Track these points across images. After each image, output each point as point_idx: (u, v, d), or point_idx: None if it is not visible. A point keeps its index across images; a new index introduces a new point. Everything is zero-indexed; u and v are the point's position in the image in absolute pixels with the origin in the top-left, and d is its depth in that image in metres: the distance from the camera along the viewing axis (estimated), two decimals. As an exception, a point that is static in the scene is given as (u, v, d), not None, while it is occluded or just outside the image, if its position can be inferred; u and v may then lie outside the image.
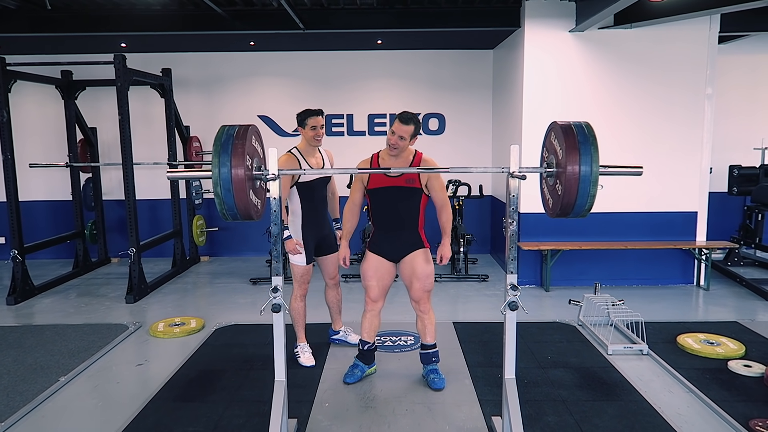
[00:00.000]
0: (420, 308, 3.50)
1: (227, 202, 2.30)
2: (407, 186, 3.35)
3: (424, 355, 3.58)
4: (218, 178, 2.25)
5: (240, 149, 2.28)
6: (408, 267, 3.45)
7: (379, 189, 3.39)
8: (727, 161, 6.92)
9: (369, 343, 3.60)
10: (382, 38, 6.59)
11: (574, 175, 2.22)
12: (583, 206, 2.32)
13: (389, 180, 3.35)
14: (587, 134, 2.27)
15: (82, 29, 5.90)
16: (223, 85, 7.37)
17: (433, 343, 3.55)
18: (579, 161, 2.22)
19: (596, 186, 2.24)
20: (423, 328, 3.53)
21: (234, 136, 2.31)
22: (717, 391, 3.41)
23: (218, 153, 2.28)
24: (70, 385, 3.65)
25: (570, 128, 2.30)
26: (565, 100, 5.68)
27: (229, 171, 2.26)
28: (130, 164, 5.58)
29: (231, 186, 2.27)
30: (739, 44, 7.03)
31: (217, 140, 2.31)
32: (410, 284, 3.47)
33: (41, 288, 5.92)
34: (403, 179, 3.34)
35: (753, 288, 5.66)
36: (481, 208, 7.45)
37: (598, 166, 2.23)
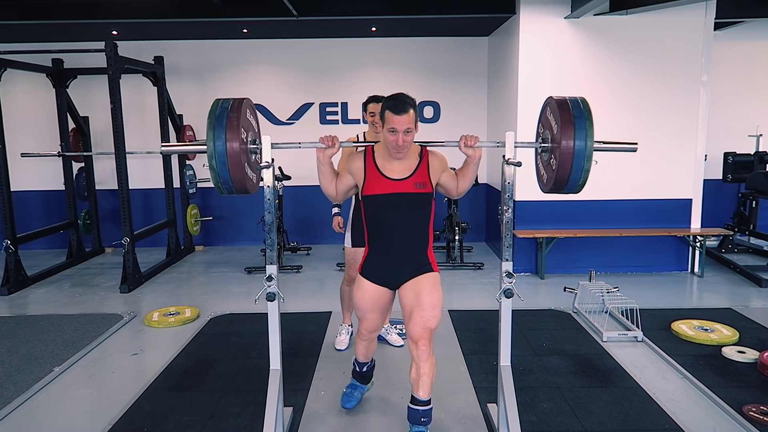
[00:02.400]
0: (418, 351, 2.57)
1: (222, 176, 2.28)
2: (417, 192, 2.59)
3: (414, 412, 2.63)
4: (213, 152, 2.23)
5: (235, 122, 2.25)
6: (410, 293, 2.63)
7: (378, 197, 2.60)
8: (721, 148, 6.92)
9: (367, 363, 3.09)
10: (376, 25, 6.54)
11: (569, 150, 2.22)
12: (578, 181, 2.31)
13: (392, 184, 2.59)
14: (583, 109, 2.26)
15: (72, 16, 5.82)
16: (216, 73, 7.31)
17: (428, 398, 2.63)
18: (574, 136, 2.22)
19: (590, 161, 2.23)
20: (417, 378, 2.59)
21: (228, 109, 2.28)
22: (711, 377, 3.43)
23: (213, 126, 2.25)
24: (65, 375, 3.64)
25: (566, 103, 2.28)
26: (560, 88, 5.65)
27: (224, 144, 2.23)
28: (123, 153, 5.53)
29: (226, 159, 2.23)
30: (735, 31, 7.01)
31: (212, 113, 2.28)
32: (409, 316, 2.61)
33: (35, 278, 5.89)
34: (412, 183, 2.59)
35: (747, 275, 5.69)
36: (477, 196, 7.44)
37: (593, 141, 2.23)
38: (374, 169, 2.63)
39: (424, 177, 2.62)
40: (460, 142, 2.58)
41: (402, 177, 2.61)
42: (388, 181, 2.61)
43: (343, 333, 4.06)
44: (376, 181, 2.62)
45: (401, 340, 4.02)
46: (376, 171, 2.63)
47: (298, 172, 6.86)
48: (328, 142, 2.56)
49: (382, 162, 2.64)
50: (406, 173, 2.62)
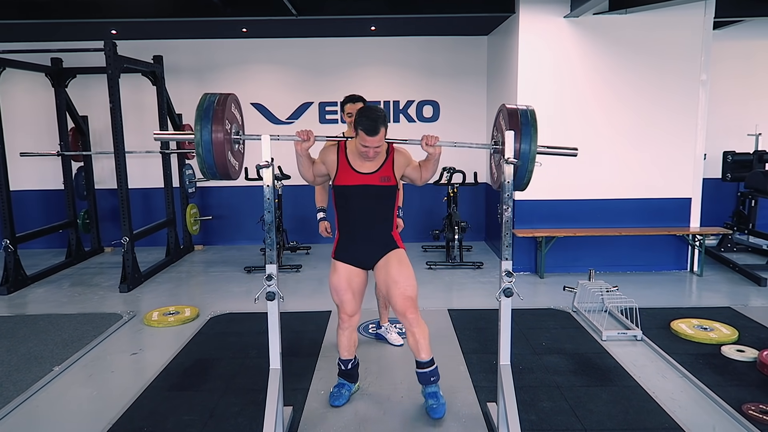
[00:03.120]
0: (408, 320, 2.92)
1: (207, 161, 2.52)
2: (381, 185, 2.91)
3: (422, 374, 3.03)
4: (200, 140, 2.47)
5: (220, 114, 2.48)
6: (382, 272, 2.98)
7: (348, 187, 2.92)
8: (721, 147, 6.93)
9: (351, 359, 3.20)
10: (375, 24, 6.54)
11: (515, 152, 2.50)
12: (522, 179, 2.59)
13: (360, 177, 2.90)
14: (529, 118, 2.54)
15: (72, 16, 5.82)
16: (215, 73, 7.31)
17: (430, 358, 3.00)
18: (520, 140, 2.50)
19: (533, 163, 2.52)
20: (415, 343, 2.96)
21: (215, 103, 2.51)
22: (710, 376, 3.44)
23: (200, 117, 2.48)
24: (65, 375, 3.64)
25: (515, 111, 2.56)
26: (560, 86, 5.66)
27: (210, 133, 2.47)
28: (122, 153, 5.53)
29: (211, 147, 2.48)
30: (734, 30, 7.02)
31: (200, 106, 2.50)
32: (389, 293, 2.96)
33: (34, 278, 5.89)
34: (377, 177, 2.90)
35: (746, 274, 5.69)
36: (476, 196, 7.44)
37: (536, 146, 2.50)
38: (345, 162, 2.95)
39: (388, 172, 2.94)
40: (422, 141, 2.79)
41: (369, 171, 2.93)
42: (357, 174, 2.93)
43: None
44: (346, 174, 2.93)
45: (401, 339, 4.03)
46: (347, 164, 2.95)
47: (297, 171, 6.85)
48: (303, 136, 2.79)
49: (353, 157, 2.95)
50: (373, 168, 2.93)
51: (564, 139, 5.71)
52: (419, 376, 3.05)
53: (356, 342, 3.21)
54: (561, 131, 5.71)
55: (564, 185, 5.80)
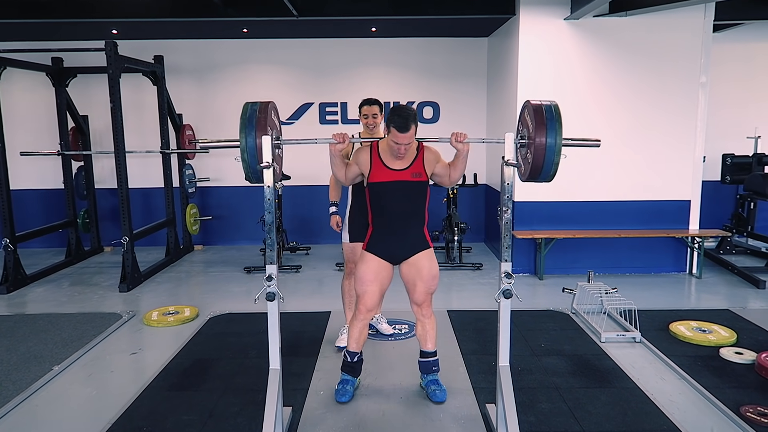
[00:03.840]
0: (422, 312, 3.19)
1: (252, 166, 2.64)
2: (414, 180, 3.05)
3: (424, 363, 3.25)
4: (245, 146, 2.59)
5: (263, 122, 2.62)
6: (412, 269, 3.14)
7: (381, 184, 3.06)
8: (720, 150, 6.94)
9: (358, 353, 3.26)
10: (376, 25, 6.54)
11: (542, 145, 2.62)
12: (549, 172, 2.69)
13: (393, 174, 3.04)
14: (554, 113, 2.65)
15: (72, 15, 5.83)
16: (216, 73, 7.31)
17: (434, 350, 3.24)
18: (546, 134, 2.60)
19: (560, 155, 2.63)
20: (424, 333, 3.21)
21: (257, 111, 2.64)
22: (709, 378, 3.44)
23: (245, 125, 2.61)
24: (64, 374, 3.64)
25: (540, 107, 2.67)
26: (560, 88, 5.67)
27: (255, 140, 2.59)
28: (122, 152, 5.53)
29: (255, 153, 2.60)
30: (734, 33, 7.03)
31: (243, 114, 2.63)
32: (413, 287, 3.15)
33: (34, 277, 5.89)
34: (409, 173, 3.05)
35: (745, 276, 5.70)
36: (476, 197, 7.45)
37: (561, 139, 2.62)
38: (378, 160, 3.09)
39: (419, 168, 3.08)
40: (451, 138, 2.93)
41: (401, 168, 3.07)
42: (390, 171, 3.06)
43: (344, 333, 4.08)
44: (380, 171, 3.07)
45: (391, 329, 4.26)
46: (380, 162, 3.09)
47: (297, 171, 6.87)
48: (339, 138, 2.93)
49: (385, 155, 3.09)
50: (405, 164, 3.08)
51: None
52: (422, 364, 3.26)
53: (366, 338, 3.28)
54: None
55: (563, 187, 5.79)
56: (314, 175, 7.06)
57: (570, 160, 6.04)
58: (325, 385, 3.41)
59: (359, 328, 3.21)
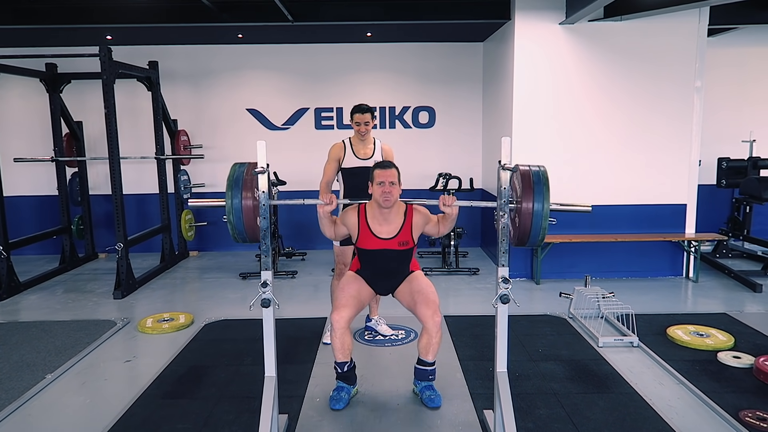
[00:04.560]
0: (434, 323, 3.08)
1: (238, 228, 2.66)
2: (401, 249, 3.15)
3: (421, 371, 3.23)
4: (231, 208, 2.59)
5: (249, 183, 2.61)
6: (406, 293, 3.22)
7: (369, 251, 3.17)
8: (715, 154, 6.95)
9: (347, 362, 3.21)
10: (371, 30, 6.54)
11: (529, 211, 2.58)
12: (537, 237, 2.62)
13: (380, 242, 3.12)
14: (541, 177, 2.60)
15: (66, 21, 5.81)
16: (211, 78, 7.29)
17: (434, 361, 3.22)
18: (533, 199, 2.56)
19: (547, 220, 2.57)
20: (428, 345, 3.14)
21: (245, 172, 2.63)
22: (707, 383, 3.43)
23: (231, 187, 2.60)
24: (57, 383, 3.60)
25: (528, 172, 2.63)
26: (556, 93, 5.68)
27: (240, 201, 2.59)
28: (116, 158, 5.51)
29: (242, 215, 2.61)
30: (728, 37, 7.07)
31: (230, 177, 2.62)
32: (416, 301, 3.16)
33: (27, 284, 5.84)
34: (396, 242, 3.12)
35: (741, 280, 5.70)
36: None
37: (549, 204, 2.57)
38: (366, 228, 3.15)
39: (407, 236, 3.15)
40: (439, 202, 2.92)
41: (389, 237, 3.14)
42: (378, 239, 3.14)
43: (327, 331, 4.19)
44: (368, 239, 3.15)
45: (390, 330, 4.31)
46: (367, 229, 3.15)
47: (293, 177, 6.85)
48: (326, 200, 2.93)
49: (372, 221, 3.15)
50: (392, 233, 3.14)
51: (559, 145, 5.74)
52: (419, 372, 3.25)
53: (350, 344, 3.19)
54: (556, 138, 5.73)
55: (559, 191, 5.75)
56: (310, 181, 7.00)
57: (566, 165, 6.06)
58: (321, 392, 3.39)
59: (339, 337, 3.12)
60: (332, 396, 3.23)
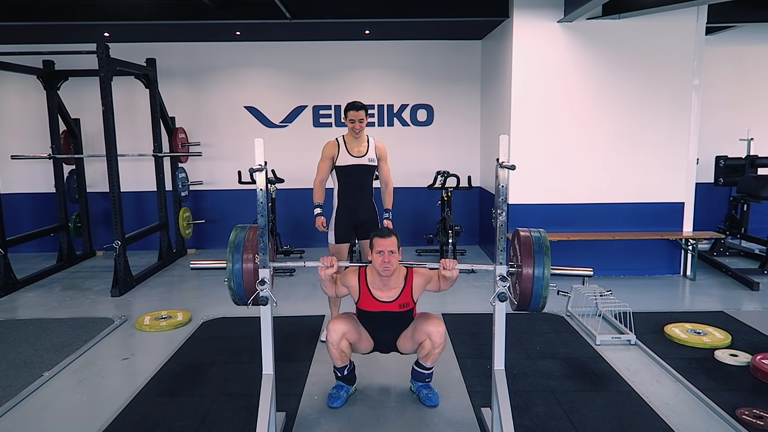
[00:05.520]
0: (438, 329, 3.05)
1: (239, 294, 2.65)
2: (401, 311, 3.13)
3: (419, 373, 3.23)
4: (231, 272, 2.61)
5: (249, 249, 2.64)
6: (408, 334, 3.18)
7: (370, 312, 3.15)
8: (713, 152, 6.95)
9: (346, 365, 3.20)
10: (370, 28, 6.53)
11: (529, 277, 2.56)
12: (537, 304, 2.62)
13: (381, 305, 3.10)
14: (542, 244, 2.59)
15: (63, 18, 5.79)
16: (209, 76, 7.28)
17: (432, 366, 3.20)
18: (534, 266, 2.55)
19: (548, 288, 2.56)
20: (430, 352, 3.09)
21: (245, 239, 2.66)
22: (704, 381, 3.44)
23: (232, 251, 2.62)
24: (55, 380, 3.59)
25: (529, 238, 2.64)
26: (554, 91, 5.68)
27: (241, 266, 2.61)
28: (114, 156, 5.50)
29: (242, 280, 2.62)
30: (727, 35, 7.07)
31: (231, 241, 2.65)
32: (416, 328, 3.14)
33: (24, 282, 5.83)
34: (397, 305, 3.11)
35: (738, 278, 5.71)
36: (470, 199, 7.44)
37: (549, 270, 2.56)
38: (367, 291, 3.13)
39: (407, 299, 3.12)
40: (440, 267, 2.88)
41: (389, 300, 3.11)
42: (378, 302, 3.11)
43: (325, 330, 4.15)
44: (368, 301, 3.13)
45: None
46: (368, 293, 3.13)
47: (291, 175, 6.85)
48: (327, 263, 2.90)
49: (373, 284, 3.12)
50: (392, 297, 3.11)
51: (557, 143, 5.74)
52: (416, 374, 3.24)
53: (348, 349, 3.14)
54: (554, 135, 5.73)
55: (558, 189, 5.81)
56: (308, 179, 6.99)
57: (564, 163, 6.06)
58: (319, 389, 3.39)
59: (335, 349, 3.09)
60: (330, 394, 3.24)
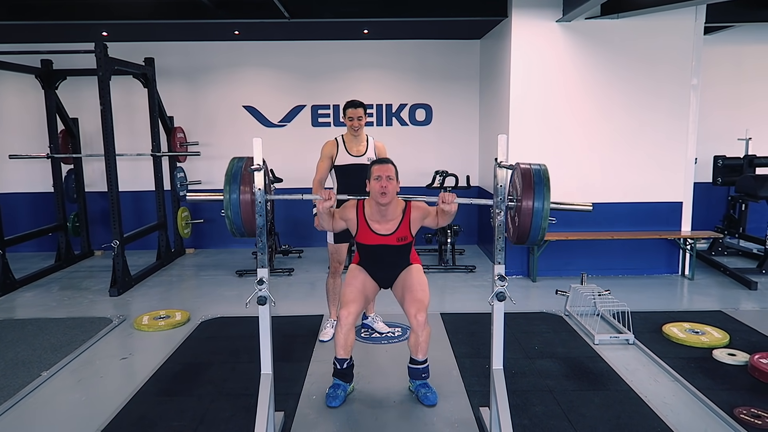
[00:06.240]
0: (417, 321, 3.10)
1: (236, 223, 2.62)
2: (399, 244, 3.17)
3: (414, 370, 3.25)
4: (228, 203, 2.57)
5: (247, 178, 2.60)
6: (400, 285, 3.26)
7: (368, 246, 3.20)
8: (711, 152, 6.97)
9: (347, 359, 3.22)
10: (368, 27, 6.53)
11: (529, 210, 2.56)
12: (536, 236, 2.62)
13: (379, 238, 3.15)
14: (542, 176, 2.58)
15: (62, 17, 5.78)
16: (207, 75, 7.27)
17: (425, 359, 3.22)
18: (533, 198, 2.55)
19: (547, 220, 2.56)
20: (416, 344, 3.16)
21: (242, 168, 2.62)
22: (702, 380, 3.44)
23: (229, 181, 2.58)
24: (53, 380, 3.59)
25: (528, 171, 2.62)
26: (552, 91, 5.68)
27: (238, 197, 2.58)
28: (112, 155, 5.49)
29: (239, 210, 2.59)
30: (725, 35, 7.07)
31: (228, 171, 2.61)
32: (404, 296, 3.21)
33: (23, 281, 5.82)
34: (395, 238, 3.15)
35: (736, 277, 5.72)
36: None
37: (549, 203, 2.56)
38: (365, 224, 3.17)
39: (405, 232, 3.17)
40: (438, 200, 2.91)
41: (387, 233, 3.15)
42: (376, 236, 3.16)
43: (327, 327, 4.24)
44: (366, 234, 3.17)
45: (387, 327, 4.33)
46: (366, 226, 3.17)
47: (290, 174, 6.84)
48: (325, 196, 2.91)
49: (371, 217, 3.16)
50: (390, 230, 3.15)
51: (555, 143, 5.74)
52: (412, 371, 3.26)
53: (353, 342, 3.21)
54: (553, 135, 5.73)
55: (556, 189, 5.78)
56: (307, 178, 6.98)
57: (562, 162, 6.06)
58: (318, 389, 3.39)
59: (344, 333, 3.14)
60: (328, 393, 3.23)
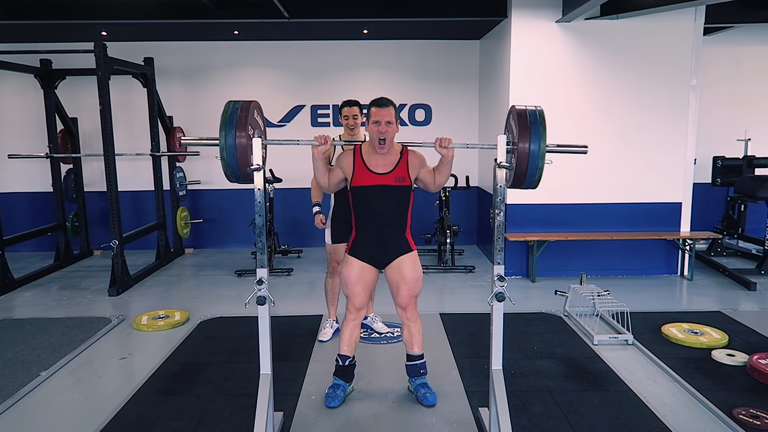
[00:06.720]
0: (407, 315, 3.17)
1: (231, 165, 2.58)
2: (397, 185, 3.05)
3: (411, 367, 3.24)
4: (224, 145, 2.54)
5: (243, 120, 2.56)
6: (395, 272, 3.14)
7: (364, 188, 3.05)
8: (710, 152, 6.98)
9: (350, 357, 3.21)
10: (368, 28, 6.53)
11: (525, 151, 2.57)
12: (533, 177, 2.62)
13: (376, 177, 3.04)
14: (538, 117, 2.59)
15: (61, 17, 5.78)
16: (207, 75, 7.27)
17: (421, 353, 3.23)
18: (529, 139, 2.56)
19: (543, 160, 2.57)
20: (410, 337, 3.20)
21: (239, 110, 2.59)
22: (701, 380, 3.44)
23: (225, 123, 2.55)
24: (52, 380, 3.59)
25: (524, 112, 2.62)
26: (551, 91, 5.68)
27: (234, 138, 2.54)
28: (112, 155, 5.48)
29: (235, 151, 2.55)
30: (724, 36, 7.08)
31: (224, 113, 2.58)
32: (397, 290, 3.15)
33: (21, 281, 5.82)
34: (393, 177, 3.04)
35: (736, 278, 5.72)
36: (468, 199, 7.45)
37: (545, 144, 2.56)
38: (362, 163, 3.07)
39: (403, 172, 3.07)
40: (435, 143, 2.95)
41: (384, 171, 3.05)
42: (373, 174, 3.05)
43: (326, 327, 4.25)
44: (363, 175, 3.06)
45: (386, 328, 4.33)
46: (363, 165, 3.07)
47: (289, 174, 6.84)
48: (321, 140, 2.91)
49: (369, 158, 3.07)
50: (388, 168, 3.06)
51: (554, 143, 5.74)
52: (410, 368, 3.25)
53: (357, 340, 3.24)
54: (552, 135, 5.71)
55: (555, 190, 5.80)
56: (306, 178, 6.99)
57: (561, 162, 6.04)
58: (317, 389, 3.39)
59: (350, 329, 3.19)
60: (328, 393, 3.23)
